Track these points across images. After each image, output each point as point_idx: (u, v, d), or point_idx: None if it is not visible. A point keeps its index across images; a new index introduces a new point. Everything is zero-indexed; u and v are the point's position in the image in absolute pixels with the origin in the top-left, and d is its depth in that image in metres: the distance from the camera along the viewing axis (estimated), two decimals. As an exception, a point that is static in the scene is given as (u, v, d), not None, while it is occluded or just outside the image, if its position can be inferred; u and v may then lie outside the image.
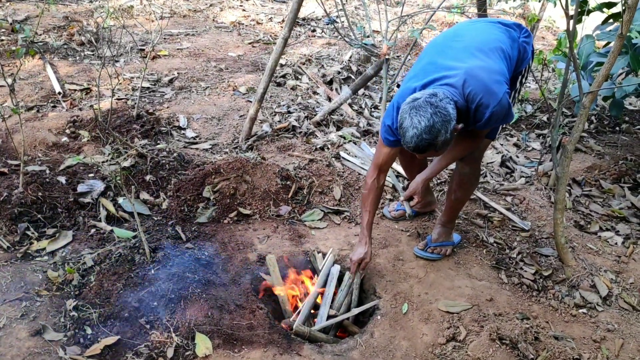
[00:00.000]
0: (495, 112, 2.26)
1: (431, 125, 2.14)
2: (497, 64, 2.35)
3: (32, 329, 2.27)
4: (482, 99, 2.25)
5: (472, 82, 2.25)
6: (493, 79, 2.27)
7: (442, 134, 2.17)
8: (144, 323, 2.33)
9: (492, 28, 2.54)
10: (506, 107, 2.30)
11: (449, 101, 2.20)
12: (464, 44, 2.43)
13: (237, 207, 3.21)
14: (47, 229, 2.92)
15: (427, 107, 2.15)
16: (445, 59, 2.38)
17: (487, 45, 2.41)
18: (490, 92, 2.24)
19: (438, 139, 2.18)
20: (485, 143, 2.75)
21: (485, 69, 2.28)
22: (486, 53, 2.36)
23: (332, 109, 4.37)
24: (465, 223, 3.33)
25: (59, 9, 7.04)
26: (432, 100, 2.17)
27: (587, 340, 2.57)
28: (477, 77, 2.26)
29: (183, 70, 5.25)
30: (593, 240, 3.35)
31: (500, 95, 2.25)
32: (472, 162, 2.76)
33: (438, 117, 2.14)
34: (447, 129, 2.17)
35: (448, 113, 2.16)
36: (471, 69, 2.28)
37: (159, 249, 2.74)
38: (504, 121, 2.40)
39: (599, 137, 4.77)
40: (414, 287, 2.78)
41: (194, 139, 4.00)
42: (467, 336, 2.46)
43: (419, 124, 2.16)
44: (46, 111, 4.20)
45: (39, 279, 2.58)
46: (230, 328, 2.40)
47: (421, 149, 2.22)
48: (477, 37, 2.47)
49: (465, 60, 2.33)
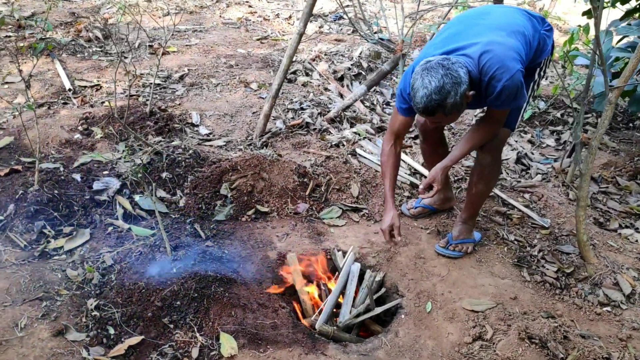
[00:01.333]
0: (506, 86, 2.30)
1: (441, 85, 2.21)
2: (517, 43, 2.39)
3: (53, 329, 2.23)
4: (496, 72, 2.30)
5: (488, 55, 2.31)
6: (509, 55, 2.31)
7: (452, 96, 2.23)
8: (167, 322, 2.29)
9: (518, 13, 2.58)
10: (518, 85, 2.33)
11: (461, 66, 2.26)
12: (488, 22, 2.49)
13: (254, 204, 3.17)
14: (63, 227, 2.88)
15: (438, 69, 2.23)
16: (468, 33, 2.46)
17: (510, 27, 2.45)
18: (504, 66, 2.29)
19: (447, 101, 2.24)
20: (505, 133, 2.72)
21: (503, 45, 2.34)
22: (508, 33, 2.41)
23: (346, 106, 4.33)
24: (484, 220, 3.30)
25: (64, 5, 6.98)
26: (444, 62, 2.24)
27: (613, 338, 2.54)
28: (493, 50, 2.32)
29: (193, 67, 5.20)
30: (613, 237, 3.32)
31: (514, 71, 2.29)
32: (492, 150, 2.74)
33: (448, 79, 2.21)
34: (457, 91, 2.23)
35: (459, 75, 2.23)
36: (490, 42, 2.35)
37: (180, 247, 2.70)
38: (515, 101, 2.40)
39: (613, 133, 4.74)
40: (436, 285, 2.75)
41: (207, 136, 3.95)
42: (494, 335, 2.43)
43: (430, 84, 2.23)
44: (57, 108, 4.15)
45: (58, 278, 2.54)
46: (254, 327, 2.36)
47: (430, 110, 2.28)
48: (502, 18, 2.52)
49: (486, 35, 2.39)
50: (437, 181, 2.65)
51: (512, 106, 2.46)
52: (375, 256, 2.96)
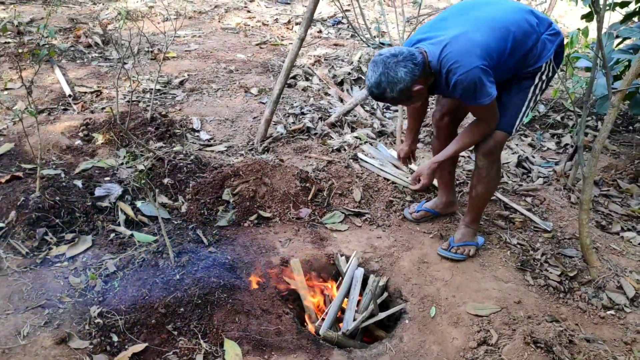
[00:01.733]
0: (460, 80, 2.38)
1: (378, 82, 2.43)
2: (487, 40, 2.41)
3: (56, 336, 2.22)
4: (452, 66, 2.39)
5: (448, 48, 2.40)
6: (470, 51, 2.38)
7: (389, 93, 2.44)
8: (171, 329, 2.28)
9: (518, 12, 2.56)
10: (474, 80, 2.37)
11: (406, 64, 2.39)
12: (476, 14, 2.54)
13: (257, 209, 3.17)
14: (65, 234, 2.87)
15: (380, 66, 2.42)
16: (452, 22, 2.53)
17: (495, 22, 2.47)
18: (460, 61, 2.37)
19: (385, 95, 2.47)
20: (500, 135, 2.70)
21: (469, 40, 2.40)
22: (487, 27, 2.45)
23: (347, 110, 4.33)
24: (487, 224, 3.29)
25: (63, 11, 6.99)
26: (387, 60, 2.41)
27: (617, 342, 2.53)
28: (456, 44, 2.39)
29: (193, 72, 5.20)
30: (616, 240, 3.32)
31: (470, 67, 2.35)
32: (486, 153, 2.74)
33: (384, 77, 2.40)
34: (393, 89, 2.42)
35: (396, 75, 2.39)
36: (456, 35, 2.41)
37: (182, 253, 2.69)
38: (476, 96, 2.44)
39: (613, 136, 4.73)
40: (440, 290, 2.74)
41: (208, 141, 3.95)
42: (499, 340, 2.42)
43: (371, 78, 2.46)
44: (57, 114, 4.14)
45: (61, 285, 2.53)
46: (258, 334, 2.35)
47: (375, 98, 2.57)
48: (494, 13, 2.54)
49: (460, 28, 2.46)
50: (423, 175, 2.77)
51: (476, 103, 2.48)
52: (379, 261, 2.95)
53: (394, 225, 3.24)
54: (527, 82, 2.65)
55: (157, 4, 7.34)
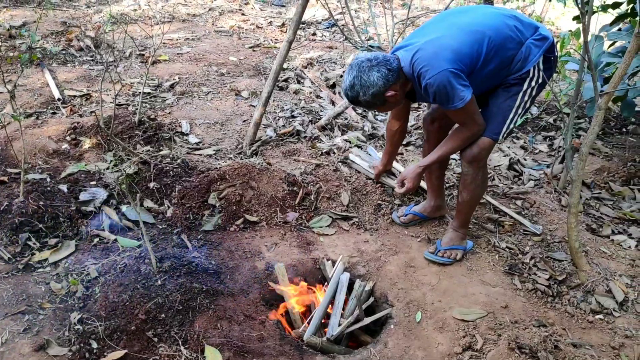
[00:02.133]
0: (429, 84, 2.40)
1: (352, 85, 2.50)
2: (459, 44, 2.41)
3: (35, 343, 2.19)
4: (422, 69, 2.42)
5: (419, 53, 2.43)
6: (440, 54, 2.39)
7: (362, 96, 2.50)
8: (151, 336, 2.25)
9: (497, 17, 2.54)
10: (443, 84, 2.38)
11: (380, 69, 2.44)
12: (454, 21, 2.55)
13: (243, 214, 3.14)
14: (49, 239, 2.84)
15: (354, 69, 2.49)
16: (431, 29, 2.54)
17: (471, 27, 2.48)
18: (429, 65, 2.38)
19: (359, 99, 2.54)
20: (486, 142, 2.67)
21: (440, 44, 2.42)
22: (462, 32, 2.45)
23: (337, 113, 4.31)
24: (476, 228, 3.27)
25: (56, 14, 6.97)
26: (362, 64, 2.47)
27: (605, 347, 2.50)
28: (427, 49, 2.41)
29: (184, 75, 5.18)
30: (606, 243, 3.29)
31: (438, 70, 2.37)
32: (471, 160, 2.72)
33: (357, 80, 2.47)
34: (366, 92, 2.47)
35: (368, 79, 2.45)
36: (429, 41, 2.43)
37: (165, 258, 2.66)
38: (449, 100, 2.44)
39: (606, 138, 4.72)
40: (427, 294, 2.71)
41: (197, 145, 3.92)
42: (484, 345, 2.39)
43: (346, 81, 2.54)
44: (46, 118, 4.12)
45: (42, 291, 2.50)
46: (240, 340, 2.32)
47: (350, 101, 2.62)
48: (473, 19, 2.54)
49: (435, 33, 2.48)
50: (408, 179, 2.85)
51: (450, 107, 2.47)
52: (365, 265, 2.92)
53: (382, 229, 3.22)
54: (515, 88, 2.61)
55: (151, 7, 7.33)
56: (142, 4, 7.54)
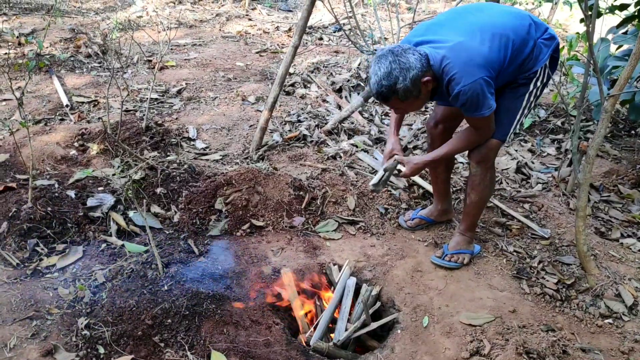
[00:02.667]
0: (463, 91, 2.32)
1: (389, 71, 2.28)
2: (489, 50, 2.36)
3: (43, 349, 2.20)
4: (455, 75, 2.32)
5: (452, 56, 2.32)
6: (474, 61, 2.32)
7: (401, 81, 2.29)
8: (158, 341, 2.26)
9: (514, 16, 2.51)
10: (477, 92, 2.32)
11: (414, 52, 2.31)
12: (474, 20, 2.47)
13: (249, 218, 3.15)
14: (56, 245, 2.86)
15: (387, 55, 2.30)
16: (450, 27, 2.46)
17: (494, 28, 2.41)
18: (465, 71, 2.31)
19: (397, 86, 2.30)
20: (494, 143, 2.67)
21: (472, 49, 2.34)
22: (486, 35, 2.38)
23: (343, 117, 4.31)
24: (483, 232, 3.25)
25: (65, 21, 7.03)
26: (394, 49, 2.32)
27: (614, 352, 2.48)
28: (459, 53, 2.32)
29: (191, 81, 5.20)
30: (615, 247, 3.26)
31: (474, 78, 2.30)
32: (480, 161, 2.71)
33: (396, 64, 2.28)
34: (406, 76, 2.28)
35: (407, 61, 2.28)
36: (460, 44, 2.35)
37: (172, 263, 2.67)
38: (478, 108, 2.39)
39: (614, 141, 4.68)
40: (434, 299, 2.70)
41: (204, 150, 3.94)
42: (491, 350, 2.37)
43: (379, 70, 2.31)
44: (54, 124, 4.15)
45: (50, 296, 2.51)
46: (246, 345, 2.32)
47: (383, 96, 2.36)
48: (492, 18, 2.48)
49: (463, 35, 2.39)
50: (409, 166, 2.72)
51: (477, 115, 2.43)
52: (372, 270, 2.91)
53: (389, 233, 3.21)
54: (523, 89, 2.60)
55: (158, 13, 7.38)
56: (149, 10, 7.60)
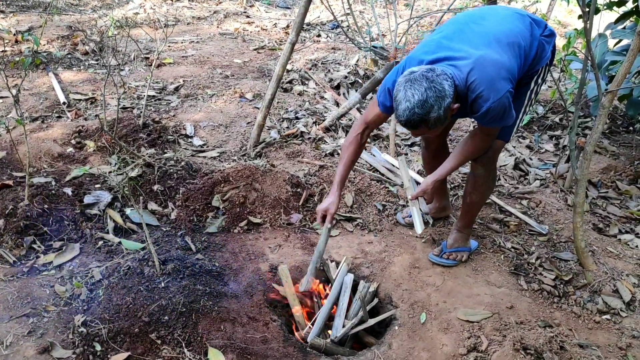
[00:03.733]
0: (492, 107, 2.24)
1: (424, 99, 2.11)
2: (509, 60, 2.30)
3: (39, 346, 2.19)
4: (483, 92, 2.22)
5: (477, 72, 2.22)
6: (500, 75, 2.24)
7: (435, 110, 2.14)
8: (154, 338, 2.25)
9: (517, 20, 2.45)
10: (505, 106, 2.27)
11: (447, 78, 2.17)
12: (483, 29, 2.38)
13: (247, 215, 3.14)
14: (53, 242, 2.85)
15: (422, 81, 2.13)
16: (462, 40, 2.35)
17: (507, 37, 2.35)
18: (492, 87, 2.22)
19: (430, 115, 2.14)
20: (499, 144, 2.66)
21: (496, 63, 2.25)
22: (502, 46, 2.31)
23: (341, 114, 4.30)
24: (481, 228, 3.25)
25: (62, 19, 7.01)
26: (428, 74, 2.15)
27: (612, 347, 2.48)
28: (484, 68, 2.23)
29: (189, 78, 5.19)
30: (613, 243, 3.26)
31: (503, 93, 2.23)
32: (485, 162, 2.69)
33: (432, 92, 2.11)
34: (441, 105, 2.14)
35: (443, 89, 2.13)
36: (482, 58, 2.24)
37: (169, 260, 2.66)
38: (502, 120, 2.34)
39: (612, 137, 4.68)
40: (431, 295, 2.70)
41: (201, 147, 3.93)
42: (489, 346, 2.37)
43: (412, 97, 2.13)
44: (51, 122, 4.14)
45: (46, 293, 2.51)
46: (243, 342, 2.32)
47: (413, 124, 2.20)
48: (499, 25, 2.41)
49: (479, 47, 2.29)
50: (427, 193, 2.65)
51: (499, 125, 2.39)
52: (369, 266, 2.91)
53: (386, 230, 3.20)
54: (524, 88, 2.58)
55: (156, 10, 7.36)
56: (147, 7, 7.58)
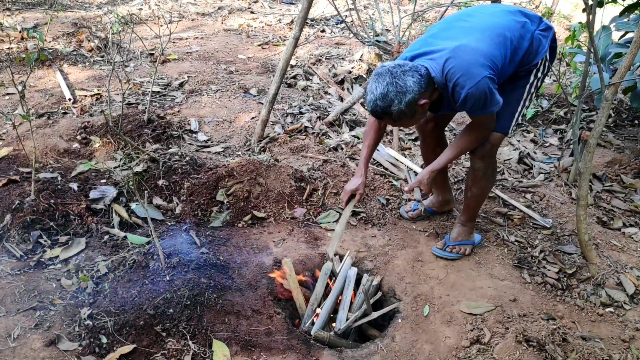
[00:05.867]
0: (471, 93, 2.27)
1: (385, 93, 2.25)
2: (488, 48, 2.32)
3: (46, 338, 2.22)
4: (459, 79, 2.27)
5: (453, 60, 2.28)
6: (476, 61, 2.27)
7: (396, 104, 2.26)
8: (160, 331, 2.28)
9: (506, 15, 2.48)
10: (485, 91, 2.28)
11: (414, 74, 2.26)
12: (468, 25, 2.44)
13: (251, 210, 3.16)
14: (60, 237, 2.88)
15: (386, 76, 2.26)
16: (446, 37, 2.42)
17: (490, 29, 2.38)
18: (468, 73, 2.26)
19: (392, 108, 2.27)
20: (497, 137, 2.65)
21: (472, 50, 2.29)
22: (484, 37, 2.35)
23: (344, 109, 4.31)
24: (484, 222, 3.25)
25: (67, 15, 7.04)
26: (394, 70, 2.26)
27: (615, 340, 2.48)
28: (460, 56, 2.28)
29: (193, 74, 5.21)
30: (617, 236, 3.26)
31: (479, 78, 2.25)
32: (483, 156, 2.69)
33: (393, 87, 2.24)
34: (402, 100, 2.25)
35: (405, 85, 2.23)
36: (459, 47, 2.30)
37: (174, 254, 2.69)
38: (486, 107, 2.36)
39: (617, 130, 4.66)
40: (434, 288, 2.71)
41: (205, 143, 3.95)
42: (491, 338, 2.38)
43: (376, 90, 2.27)
44: (57, 118, 4.17)
45: (53, 287, 2.54)
46: (247, 334, 2.34)
47: (377, 115, 2.35)
48: (485, 20, 2.45)
49: (458, 39, 2.34)
50: (423, 184, 2.68)
51: (485, 112, 2.40)
52: (373, 260, 2.92)
53: (390, 224, 3.21)
54: (523, 81, 2.59)
55: (160, 7, 7.38)
56: (151, 3, 7.60)
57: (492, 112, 2.42)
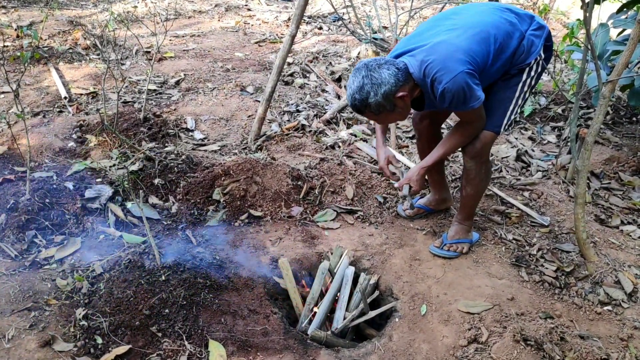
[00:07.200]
0: (447, 88, 2.29)
1: (360, 86, 2.31)
2: (468, 44, 2.32)
3: (41, 339, 2.21)
4: (436, 74, 2.29)
5: (431, 56, 2.30)
6: (454, 56, 2.28)
7: (372, 96, 2.31)
8: (155, 331, 2.26)
9: (493, 13, 2.48)
10: (463, 86, 2.28)
11: (389, 67, 2.31)
12: (452, 23, 2.44)
13: (247, 209, 3.14)
14: (55, 236, 2.86)
15: (362, 70, 2.33)
16: (428, 34, 2.43)
17: (474, 27, 2.38)
18: (445, 68, 2.28)
19: (369, 100, 2.32)
20: (488, 136, 2.63)
21: (450, 45, 2.31)
22: (466, 34, 2.35)
23: (341, 107, 4.29)
24: (482, 220, 3.24)
25: (63, 13, 7.01)
26: (369, 64, 2.33)
27: (613, 338, 2.47)
28: (438, 51, 2.30)
29: (189, 72, 5.19)
30: (615, 234, 3.25)
31: (456, 73, 2.26)
32: (474, 155, 2.67)
33: (367, 80, 2.29)
34: (377, 92, 2.29)
35: (380, 77, 2.28)
36: (437, 43, 2.33)
37: (170, 254, 2.67)
38: (466, 102, 2.35)
39: (615, 128, 4.65)
40: (432, 287, 2.70)
41: (202, 141, 3.93)
42: (489, 337, 2.37)
43: (353, 84, 2.34)
44: (52, 116, 4.15)
45: (48, 287, 2.52)
46: (244, 334, 2.33)
47: (357, 109, 2.40)
48: (471, 18, 2.46)
49: (439, 37, 2.36)
50: (412, 181, 2.71)
51: (466, 108, 2.39)
52: (370, 259, 2.91)
53: (387, 222, 3.20)
54: (515, 79, 2.57)
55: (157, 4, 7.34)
56: (147, 1, 7.57)
57: (473, 108, 2.41)
